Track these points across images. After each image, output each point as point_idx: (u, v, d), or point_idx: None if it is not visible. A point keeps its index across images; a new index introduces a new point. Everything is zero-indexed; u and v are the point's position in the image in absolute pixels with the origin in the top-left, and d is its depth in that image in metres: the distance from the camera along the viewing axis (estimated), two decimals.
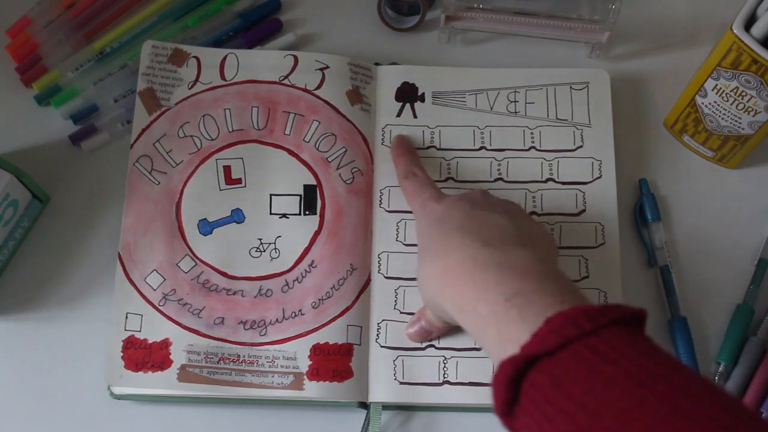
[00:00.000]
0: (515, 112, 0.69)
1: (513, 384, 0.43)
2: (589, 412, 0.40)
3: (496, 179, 0.67)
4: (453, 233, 0.54)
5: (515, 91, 0.70)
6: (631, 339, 0.43)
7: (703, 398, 0.39)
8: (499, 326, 0.47)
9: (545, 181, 0.67)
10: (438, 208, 0.58)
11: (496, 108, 0.69)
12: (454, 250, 0.53)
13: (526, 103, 0.70)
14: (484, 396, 0.61)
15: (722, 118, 0.66)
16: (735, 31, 0.59)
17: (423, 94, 0.70)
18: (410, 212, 0.65)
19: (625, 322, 0.44)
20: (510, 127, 0.69)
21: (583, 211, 0.67)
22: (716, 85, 0.63)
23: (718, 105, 0.65)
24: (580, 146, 0.68)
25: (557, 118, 0.69)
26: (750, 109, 0.63)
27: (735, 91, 0.62)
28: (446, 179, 0.67)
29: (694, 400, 0.39)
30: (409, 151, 0.66)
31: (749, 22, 0.59)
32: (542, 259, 0.51)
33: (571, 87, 0.70)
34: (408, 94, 0.70)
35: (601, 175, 0.67)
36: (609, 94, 0.70)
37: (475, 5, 0.71)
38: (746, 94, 0.62)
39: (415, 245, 0.64)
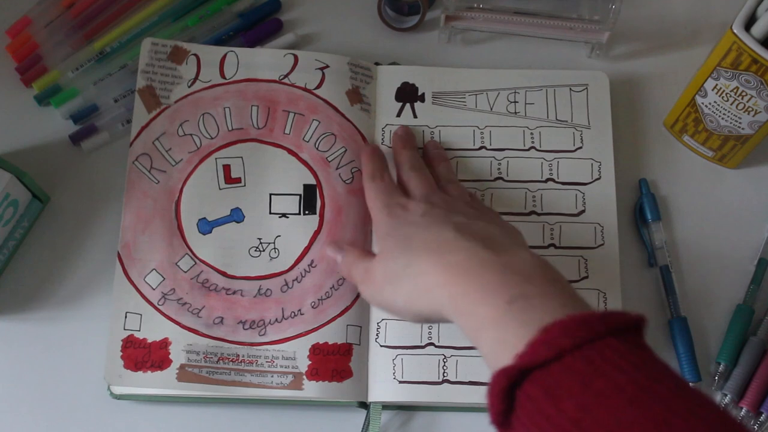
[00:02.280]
0: (515, 113, 0.69)
1: (507, 395, 0.43)
2: (582, 429, 0.39)
3: (496, 178, 0.67)
4: (448, 233, 0.53)
5: (515, 92, 0.70)
6: (626, 349, 0.42)
7: (691, 416, 0.39)
8: (498, 329, 0.46)
9: (545, 181, 0.67)
10: (417, 211, 0.57)
11: (496, 108, 0.70)
12: (457, 249, 0.51)
13: (526, 103, 0.70)
14: (484, 395, 0.61)
15: (722, 118, 0.66)
16: (735, 31, 0.59)
17: (423, 94, 0.70)
18: None
19: (622, 331, 0.43)
20: (510, 127, 0.69)
21: (583, 211, 0.67)
22: (716, 85, 0.63)
23: (718, 105, 0.65)
24: (580, 147, 0.68)
25: (557, 119, 0.69)
26: (750, 109, 0.63)
27: (735, 91, 0.62)
28: None
29: (684, 419, 0.39)
30: (413, 147, 0.67)
31: (749, 22, 0.59)
32: (543, 263, 0.50)
33: (570, 89, 0.70)
34: (408, 94, 0.70)
35: (600, 177, 0.67)
36: (608, 96, 0.70)
37: (475, 5, 0.71)
38: (746, 94, 0.62)
39: None
